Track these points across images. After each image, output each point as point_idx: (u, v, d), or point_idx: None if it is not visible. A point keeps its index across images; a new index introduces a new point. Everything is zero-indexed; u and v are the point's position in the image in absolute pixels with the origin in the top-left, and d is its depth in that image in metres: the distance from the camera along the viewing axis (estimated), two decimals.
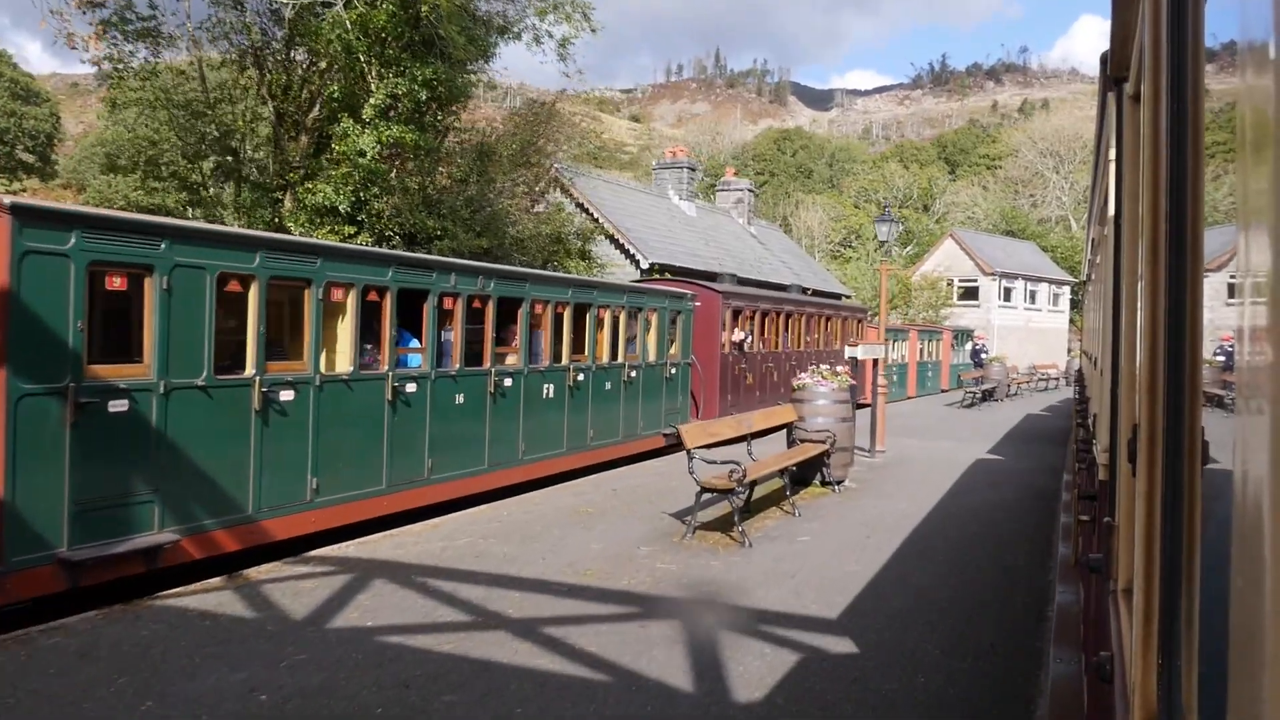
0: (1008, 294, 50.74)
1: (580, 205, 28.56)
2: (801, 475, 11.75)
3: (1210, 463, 1.34)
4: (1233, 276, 0.87)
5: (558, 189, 28.71)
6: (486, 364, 10.93)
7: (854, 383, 12.18)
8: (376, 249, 10.57)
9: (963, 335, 37.39)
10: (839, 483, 11.78)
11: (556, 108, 20.87)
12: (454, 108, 17.40)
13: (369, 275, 9.11)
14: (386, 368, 9.35)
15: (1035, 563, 8.28)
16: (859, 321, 26.70)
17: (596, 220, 28.24)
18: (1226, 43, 1.10)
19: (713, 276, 27.34)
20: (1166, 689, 1.44)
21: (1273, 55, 0.61)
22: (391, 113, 16.68)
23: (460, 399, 10.45)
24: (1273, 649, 0.59)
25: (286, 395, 8.18)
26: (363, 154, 16.22)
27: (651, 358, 15.13)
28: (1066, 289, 54.97)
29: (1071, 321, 54.51)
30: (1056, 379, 40.16)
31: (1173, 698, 1.40)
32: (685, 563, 7.85)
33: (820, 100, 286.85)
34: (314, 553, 8.09)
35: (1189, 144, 1.45)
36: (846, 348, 13.43)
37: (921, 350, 31.98)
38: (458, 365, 10.40)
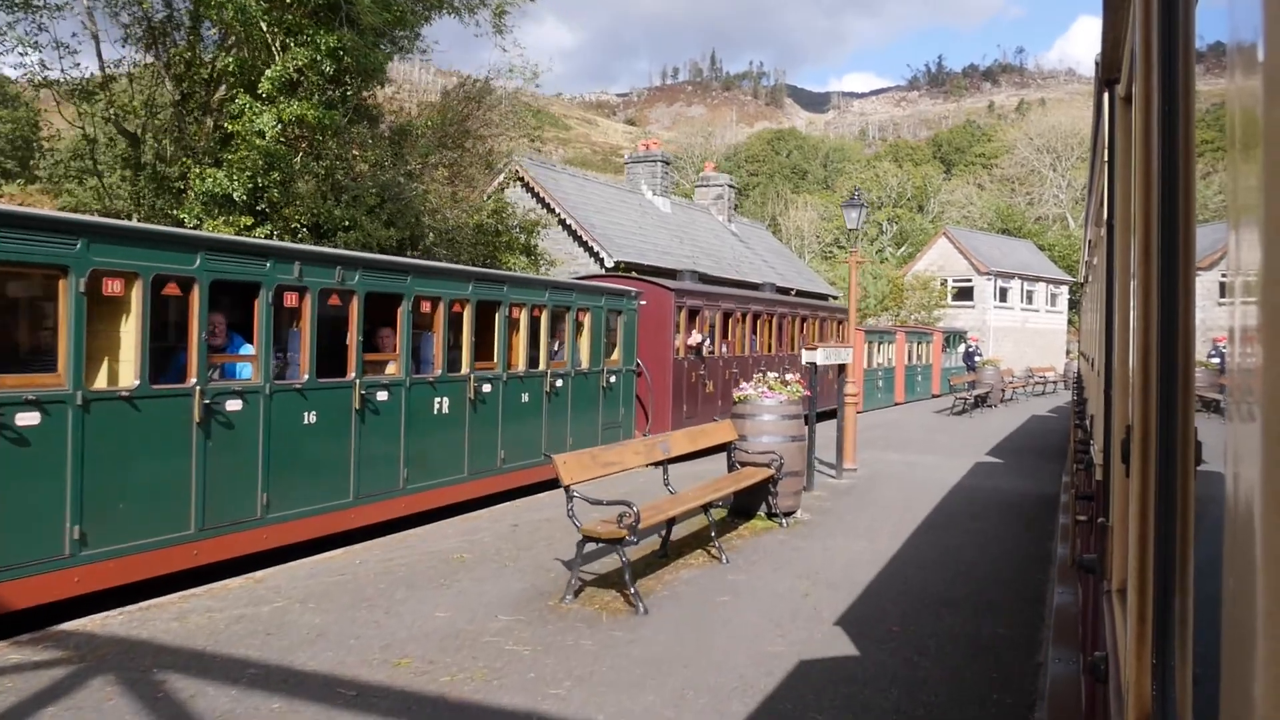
0: (1003, 294, 48.72)
1: (540, 199, 26.65)
2: (743, 505, 9.75)
3: (1202, 463, 1.35)
4: (1224, 275, 0.81)
5: (516, 181, 26.88)
6: (351, 374, 8.92)
7: (807, 393, 10.17)
8: (169, 229, 8.55)
9: (955, 337, 35.38)
10: (788, 515, 9.76)
11: (491, 86, 18.77)
12: (369, 84, 15.39)
13: (163, 263, 7.09)
14: (195, 381, 7.33)
15: (1023, 637, 6.26)
16: (840, 323, 24.68)
17: (556, 214, 26.33)
18: (1217, 44, 1.06)
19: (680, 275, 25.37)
20: (1161, 689, 1.46)
21: (1261, 57, 0.62)
22: (299, 89, 14.71)
23: (312, 418, 8.44)
24: (1266, 649, 0.60)
25: (27, 419, 6.16)
26: (261, 135, 14.25)
27: (584, 364, 13.11)
28: (1065, 289, 52.92)
29: (1070, 323, 52.51)
30: (1054, 382, 38.09)
31: (1167, 697, 1.41)
32: (547, 642, 5.83)
33: (817, 103, 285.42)
34: (59, 628, 6.08)
35: (1180, 145, 1.44)
36: (804, 351, 11.42)
37: (910, 353, 29.95)
38: (306, 376, 8.39)
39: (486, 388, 10.86)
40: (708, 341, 16.63)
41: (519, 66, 17.39)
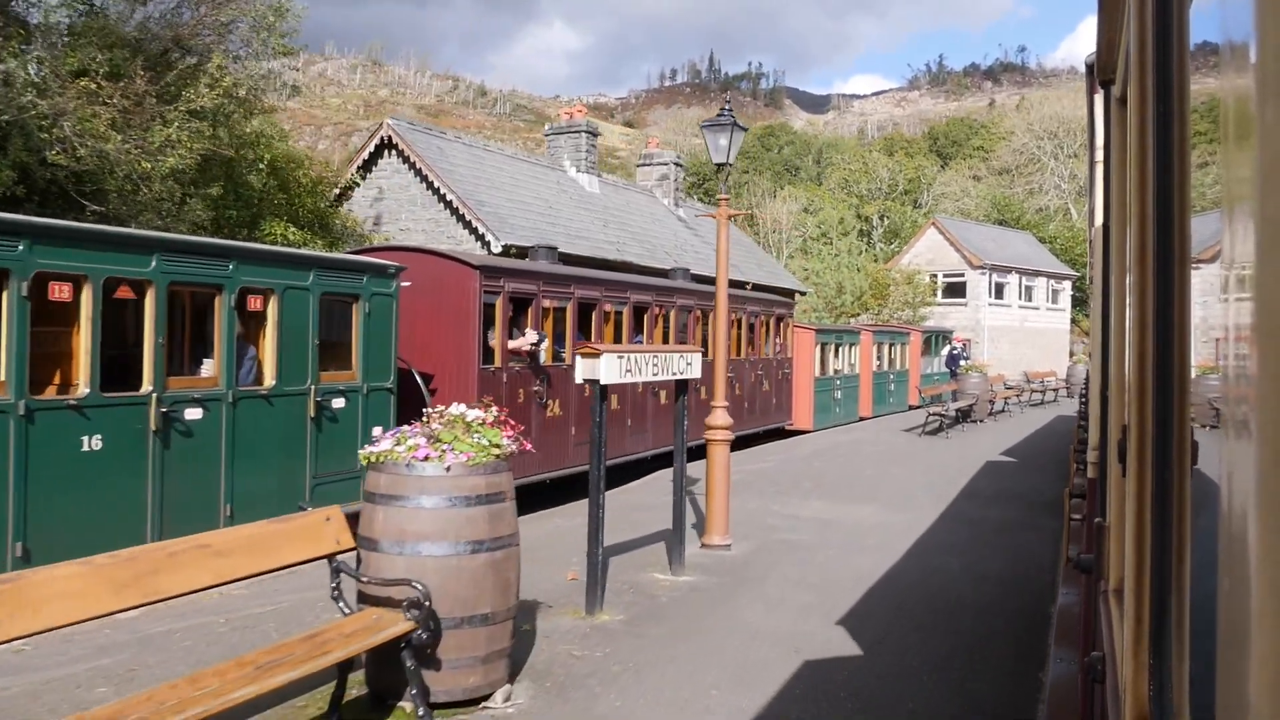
0: (999, 290, 43.46)
1: (417, 171, 21.67)
2: (385, 681, 4.65)
3: (1198, 463, 1.34)
4: (1224, 270, 0.81)
5: (390, 149, 21.96)
6: None
7: (524, 447, 5.04)
8: None
9: (938, 337, 30.20)
10: (476, 703, 4.66)
11: None
12: None
13: None
14: None
15: None
16: (779, 320, 19.51)
17: (436, 190, 21.34)
18: (1211, 45, 1.08)
19: (607, 264, 20.33)
20: (1157, 688, 1.45)
21: (1253, 59, 0.62)
22: None
23: None
24: (1261, 648, 0.59)
25: None
26: None
27: (269, 379, 8.00)
28: (1067, 284, 47.63)
29: (1074, 322, 47.26)
30: (1056, 390, 32.83)
31: (1164, 697, 1.41)
32: None
33: (817, 104, 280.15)
34: None
35: (1175, 146, 1.45)
36: (578, 358, 6.29)
37: (880, 357, 24.78)
38: None
39: None
40: (545, 344, 11.47)
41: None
